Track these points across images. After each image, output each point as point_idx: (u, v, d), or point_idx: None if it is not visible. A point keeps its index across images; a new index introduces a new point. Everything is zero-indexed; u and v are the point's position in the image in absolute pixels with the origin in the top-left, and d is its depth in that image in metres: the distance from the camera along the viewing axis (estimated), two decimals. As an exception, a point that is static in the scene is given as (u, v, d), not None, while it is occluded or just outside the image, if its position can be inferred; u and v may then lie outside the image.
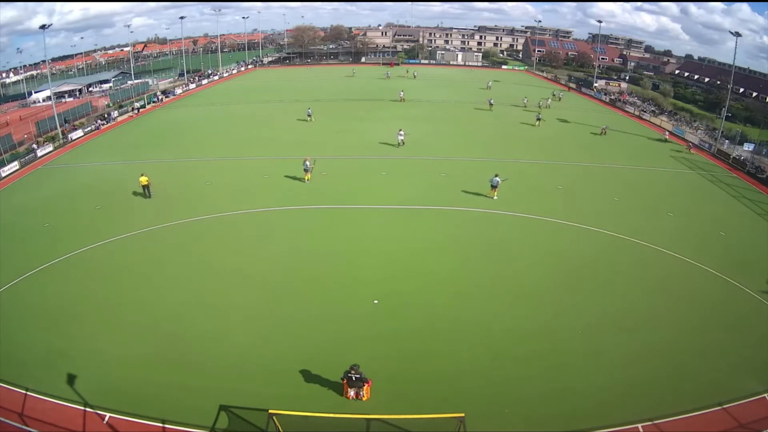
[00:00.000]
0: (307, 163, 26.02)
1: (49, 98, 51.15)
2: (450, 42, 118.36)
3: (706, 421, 11.52)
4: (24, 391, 12.12)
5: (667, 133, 39.92)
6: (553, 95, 54.54)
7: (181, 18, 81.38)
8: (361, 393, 11.91)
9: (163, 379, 12.57)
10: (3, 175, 28.91)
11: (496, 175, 23.91)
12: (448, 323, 14.83)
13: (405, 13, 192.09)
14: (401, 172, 28.05)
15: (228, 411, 11.61)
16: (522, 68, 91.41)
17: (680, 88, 75.79)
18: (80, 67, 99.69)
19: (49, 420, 11.34)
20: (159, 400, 11.83)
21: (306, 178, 26.09)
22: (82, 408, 11.67)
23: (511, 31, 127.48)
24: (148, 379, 12.55)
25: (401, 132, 32.99)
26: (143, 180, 24.20)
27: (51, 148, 34.73)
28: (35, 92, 63.82)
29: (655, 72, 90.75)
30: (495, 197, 23.97)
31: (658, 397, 12.13)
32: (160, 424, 11.25)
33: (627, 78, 77.71)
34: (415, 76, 71.00)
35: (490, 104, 46.92)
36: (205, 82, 67.21)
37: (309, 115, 40.46)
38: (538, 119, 41.14)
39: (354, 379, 11.65)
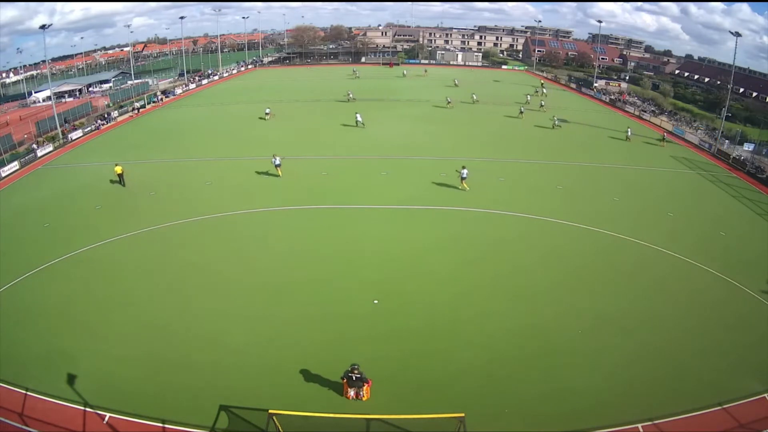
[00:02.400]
0: (276, 159, 26.79)
1: (49, 98, 51.15)
2: (450, 42, 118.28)
3: (706, 421, 11.53)
4: (24, 391, 12.13)
5: (630, 130, 38.01)
6: (536, 92, 54.28)
7: (181, 18, 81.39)
8: (361, 393, 11.91)
9: (163, 378, 12.58)
10: (3, 175, 28.93)
11: (464, 168, 25.26)
12: (448, 323, 14.84)
13: (405, 13, 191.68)
14: (401, 172, 28.05)
15: (228, 411, 11.62)
16: (522, 68, 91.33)
17: (680, 88, 75.67)
18: (80, 67, 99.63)
19: (49, 420, 11.35)
20: (159, 400, 11.84)
21: (278, 173, 27.08)
22: (82, 408, 11.69)
23: (511, 31, 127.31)
24: (148, 379, 12.56)
25: (358, 114, 38.37)
26: (118, 170, 26.02)
27: (51, 148, 34.75)
28: (35, 92, 63.77)
29: (655, 72, 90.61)
30: (466, 188, 25.12)
31: (658, 397, 12.13)
32: (160, 424, 11.26)
33: (627, 78, 77.61)
34: (404, 75, 71.24)
35: (448, 102, 47.53)
36: (205, 82, 67.20)
37: (267, 113, 41.21)
38: (521, 112, 43.63)
39: (354, 378, 11.65)
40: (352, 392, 11.90)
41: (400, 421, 11.05)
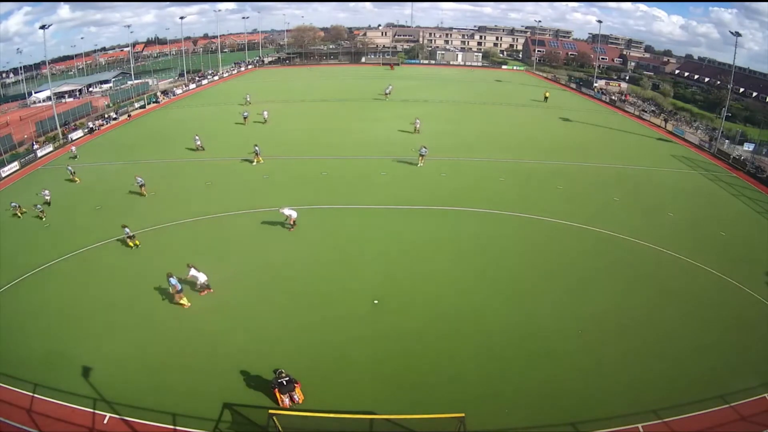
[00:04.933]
0: (257, 148, 29.23)
1: (49, 98, 51.18)
2: (450, 42, 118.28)
3: (707, 421, 11.54)
4: (24, 392, 12.14)
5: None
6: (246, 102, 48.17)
7: (181, 18, 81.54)
8: (296, 396, 11.70)
9: (164, 379, 12.59)
10: (3, 175, 28.96)
11: (424, 147, 28.43)
12: (447, 323, 14.84)
13: (409, 13, 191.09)
14: (401, 171, 28.04)
15: (229, 411, 11.62)
16: (522, 68, 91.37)
17: (680, 88, 75.66)
18: (80, 67, 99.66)
19: (49, 420, 11.36)
20: (159, 400, 11.84)
21: (257, 160, 29.03)
22: (83, 408, 11.69)
23: (511, 31, 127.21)
24: (148, 379, 12.57)
25: (265, 111, 40.57)
26: None
27: (51, 149, 34.77)
28: (35, 92, 63.81)
29: (655, 72, 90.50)
30: (420, 165, 28.17)
31: (658, 397, 12.14)
32: (161, 425, 11.26)
33: (627, 78, 77.63)
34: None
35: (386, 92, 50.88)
36: (205, 82, 67.19)
37: (245, 117, 40.44)
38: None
39: (285, 383, 11.47)
40: (286, 399, 11.59)
41: (400, 421, 11.06)
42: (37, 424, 11.26)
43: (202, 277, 15.88)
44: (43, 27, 40.51)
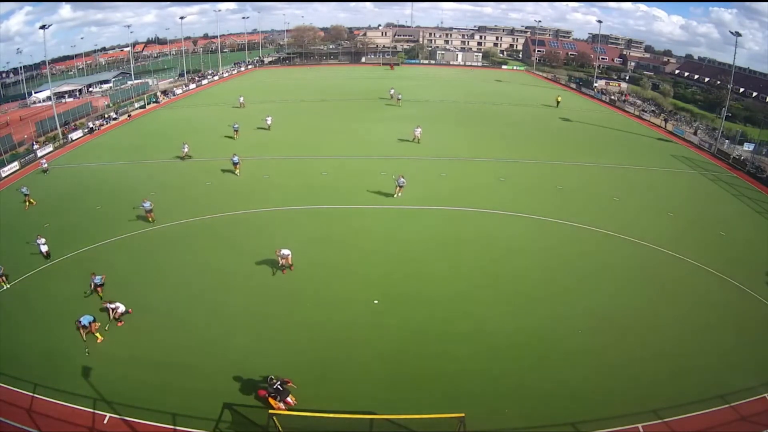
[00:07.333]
0: (235, 158, 27.48)
1: (49, 98, 51.16)
2: (450, 42, 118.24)
3: (707, 421, 11.54)
4: (24, 392, 12.14)
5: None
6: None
7: (181, 18, 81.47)
8: (290, 399, 11.64)
9: (164, 379, 12.59)
10: (3, 175, 28.96)
11: (402, 177, 24.17)
12: (447, 323, 14.85)
13: (407, 13, 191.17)
14: (401, 171, 27.97)
15: (229, 411, 11.62)
16: (522, 68, 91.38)
17: (680, 88, 75.62)
18: (80, 67, 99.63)
19: (49, 420, 11.36)
20: (160, 401, 11.85)
21: (236, 171, 27.50)
22: (83, 408, 11.70)
23: (511, 31, 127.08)
24: (148, 379, 12.57)
25: (268, 117, 37.25)
26: None
27: (51, 149, 34.76)
28: (35, 92, 63.79)
29: (655, 72, 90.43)
30: (399, 195, 24.19)
31: (659, 397, 12.14)
32: (161, 425, 11.26)
33: (627, 78, 77.59)
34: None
35: (397, 98, 47.99)
36: (205, 82, 67.18)
37: (236, 130, 35.49)
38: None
39: (281, 389, 11.37)
40: (282, 405, 11.46)
41: (401, 421, 11.07)
42: (37, 424, 11.26)
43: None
44: (43, 27, 40.44)
